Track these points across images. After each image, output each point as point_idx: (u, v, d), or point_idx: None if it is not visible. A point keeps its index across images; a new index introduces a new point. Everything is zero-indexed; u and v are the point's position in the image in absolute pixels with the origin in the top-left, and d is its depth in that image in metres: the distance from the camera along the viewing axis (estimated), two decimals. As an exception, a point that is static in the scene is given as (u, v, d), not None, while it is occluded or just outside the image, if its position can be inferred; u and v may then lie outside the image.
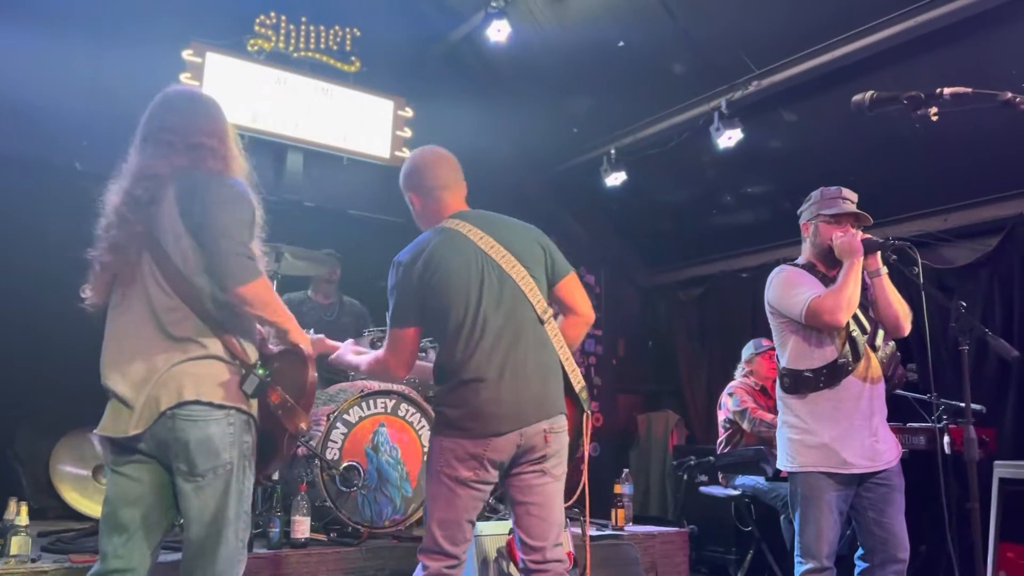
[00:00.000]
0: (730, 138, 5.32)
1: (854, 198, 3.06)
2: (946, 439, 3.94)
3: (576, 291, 2.55)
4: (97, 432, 2.15)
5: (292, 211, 5.63)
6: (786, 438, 3.01)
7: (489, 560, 3.18)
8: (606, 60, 5.73)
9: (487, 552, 3.18)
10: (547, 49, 5.95)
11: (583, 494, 2.51)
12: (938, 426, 4.09)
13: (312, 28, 5.92)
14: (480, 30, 5.79)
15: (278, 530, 3.44)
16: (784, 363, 3.06)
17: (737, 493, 4.91)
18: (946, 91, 1.67)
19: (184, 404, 2.05)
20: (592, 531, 3.20)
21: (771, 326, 3.13)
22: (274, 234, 4.31)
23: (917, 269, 2.83)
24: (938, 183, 5.13)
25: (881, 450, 2.92)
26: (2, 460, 4.54)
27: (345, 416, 3.78)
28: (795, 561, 2.95)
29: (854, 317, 2.95)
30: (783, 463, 3.03)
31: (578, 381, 2.48)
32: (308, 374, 2.18)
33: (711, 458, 5.09)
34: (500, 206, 2.73)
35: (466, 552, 2.40)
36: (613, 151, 6.24)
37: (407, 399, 3.98)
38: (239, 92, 5.58)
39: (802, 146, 5.47)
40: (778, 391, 3.11)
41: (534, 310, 2.40)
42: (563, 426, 2.41)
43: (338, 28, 6.00)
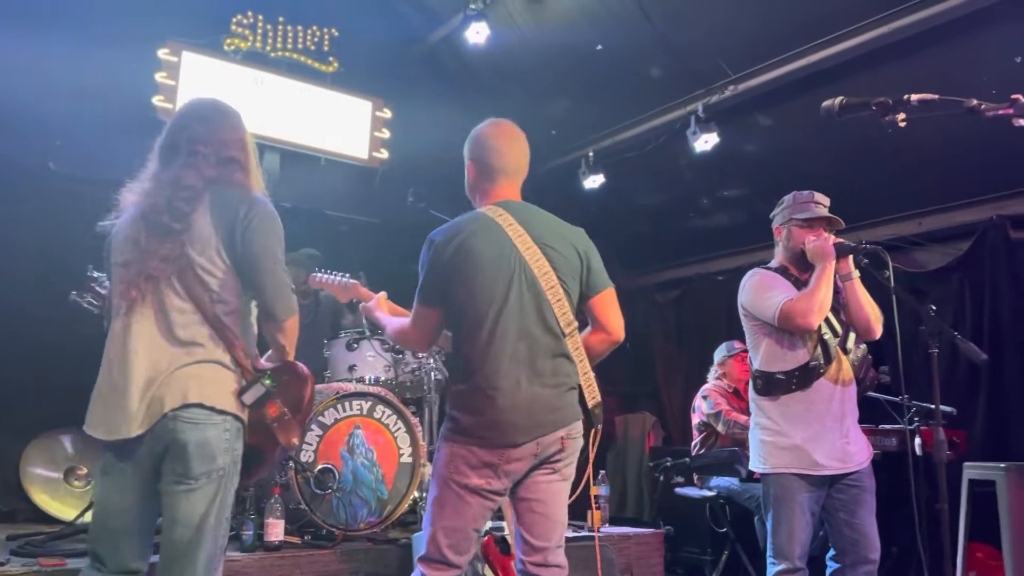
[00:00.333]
0: (707, 142, 5.36)
1: (826, 202, 3.09)
2: (917, 441, 3.99)
3: (610, 308, 2.44)
4: (90, 433, 2.12)
5: (269, 212, 5.60)
6: (758, 440, 3.04)
7: (464, 562, 3.16)
8: (584, 63, 5.76)
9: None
10: (526, 51, 5.96)
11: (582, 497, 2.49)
12: (909, 428, 4.14)
13: (290, 28, 5.90)
14: (459, 32, 5.79)
15: (251, 533, 3.42)
16: (757, 365, 3.09)
17: (712, 494, 4.94)
18: (914, 97, 1.70)
19: (187, 406, 2.06)
20: (568, 532, 3.21)
21: (744, 329, 3.16)
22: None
23: (888, 273, 2.86)
24: (912, 188, 5.20)
25: (852, 452, 2.95)
26: (-29, 463, 4.49)
27: (320, 418, 3.76)
28: (767, 562, 2.98)
29: (826, 320, 2.98)
30: (755, 464, 3.05)
31: (593, 397, 2.39)
32: (307, 391, 2.25)
33: (687, 459, 5.12)
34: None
35: (468, 563, 2.31)
36: (591, 153, 6.27)
37: (383, 401, 3.96)
38: (215, 91, 5.48)
39: (777, 150, 5.52)
40: (751, 393, 3.13)
41: (558, 322, 2.30)
42: (580, 431, 2.35)
43: (316, 28, 5.99)
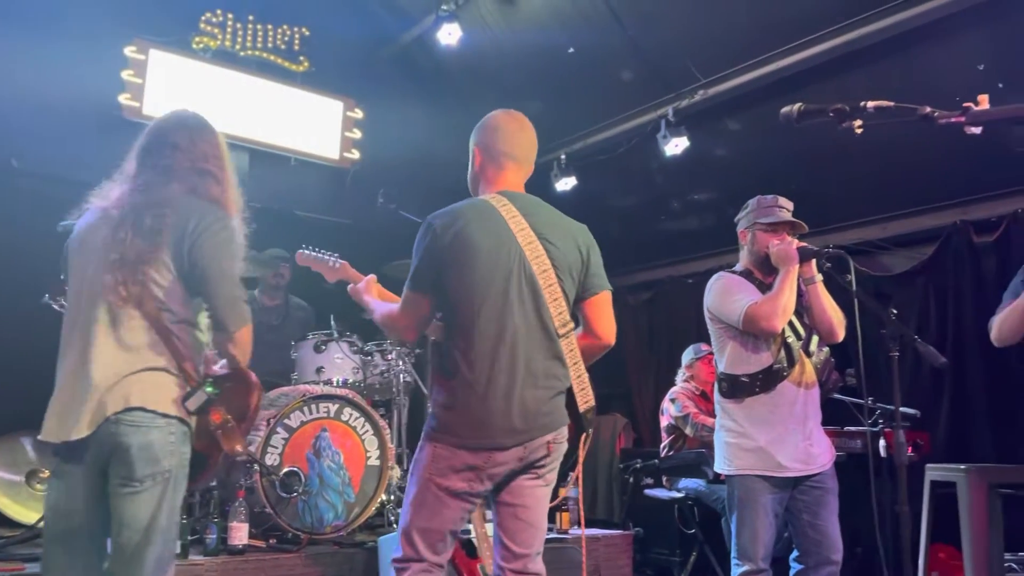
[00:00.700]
0: (677, 145, 5.39)
1: (790, 206, 3.13)
2: (881, 443, 4.03)
3: (603, 313, 2.39)
4: (41, 437, 2.13)
5: (238, 212, 5.55)
6: (723, 442, 3.06)
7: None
8: (556, 65, 5.76)
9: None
10: (498, 53, 5.96)
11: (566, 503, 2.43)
12: (873, 430, 4.19)
13: (260, 27, 5.85)
14: (431, 33, 5.78)
15: (215, 536, 3.39)
16: (722, 368, 3.11)
17: (680, 496, 4.97)
18: (870, 104, 1.72)
19: (129, 410, 2.06)
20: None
21: (710, 332, 3.19)
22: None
23: (850, 277, 2.89)
24: (877, 193, 5.26)
25: (815, 454, 2.98)
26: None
27: (286, 421, 3.73)
28: (732, 563, 3.00)
29: (789, 323, 3.01)
30: (720, 466, 3.08)
31: (586, 401, 2.33)
32: (253, 399, 2.23)
33: (656, 461, 5.15)
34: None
35: (448, 562, 2.28)
36: (563, 156, 6.27)
37: (351, 403, 3.94)
38: (183, 90, 5.49)
39: (746, 155, 5.56)
40: (716, 395, 3.16)
41: (553, 322, 2.24)
42: (565, 435, 2.30)
43: (286, 27, 5.95)
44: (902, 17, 4.31)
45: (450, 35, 5.60)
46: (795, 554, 3.04)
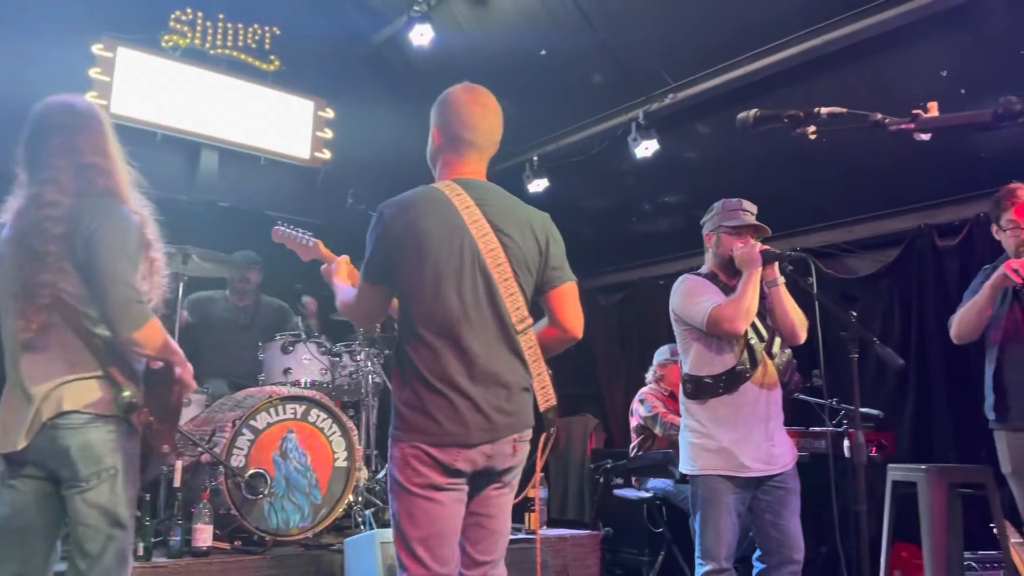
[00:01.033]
0: (647, 148, 5.42)
1: (754, 210, 3.16)
2: (846, 443, 4.08)
3: (568, 304, 2.28)
4: None
5: (206, 212, 5.52)
6: (687, 442, 3.09)
7: (395, 569, 3.13)
8: (529, 67, 5.78)
9: (392, 561, 3.14)
10: (470, 54, 5.96)
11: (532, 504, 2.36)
12: (837, 431, 4.24)
13: (230, 25, 5.82)
14: (403, 33, 5.77)
15: (179, 538, 3.37)
16: (687, 369, 3.14)
17: (649, 495, 5.00)
18: (823, 111, 1.75)
19: (64, 414, 2.10)
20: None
21: (675, 333, 3.22)
22: (187, 235, 4.27)
23: (811, 279, 2.94)
24: (844, 197, 5.33)
25: (777, 454, 3.01)
26: None
27: (252, 422, 3.71)
28: (696, 562, 3.03)
29: (752, 325, 3.04)
30: (684, 466, 3.11)
31: (546, 400, 2.21)
32: (173, 395, 2.24)
33: (625, 461, 5.18)
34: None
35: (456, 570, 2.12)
36: (536, 158, 6.28)
37: (318, 405, 3.93)
38: (151, 88, 5.45)
39: (716, 158, 5.61)
40: (681, 396, 3.19)
41: (510, 317, 2.14)
42: (529, 436, 2.20)
43: (257, 26, 5.91)
44: (867, 23, 4.36)
45: (422, 36, 5.59)
46: (758, 553, 3.07)
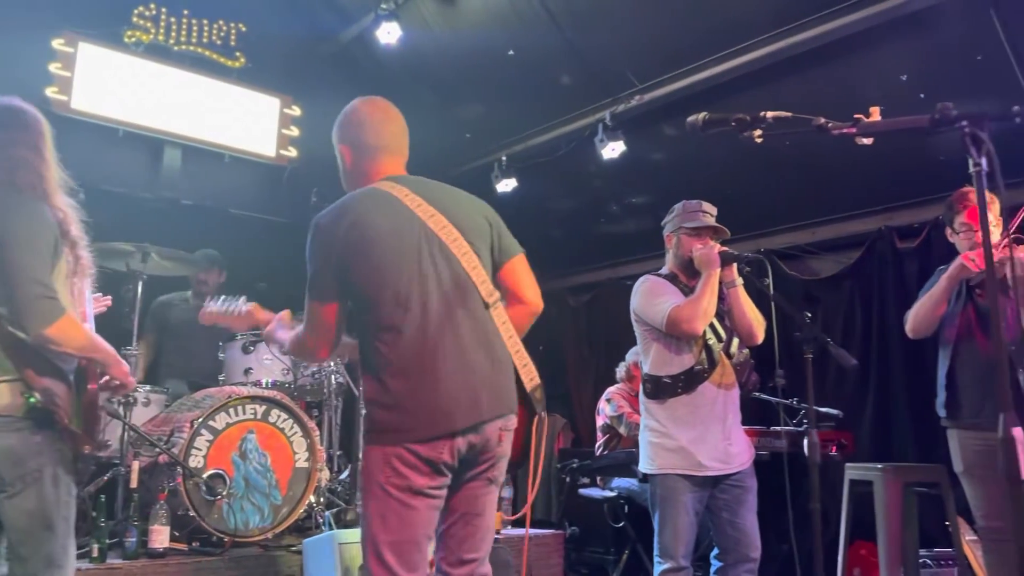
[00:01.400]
0: (613, 149, 5.44)
1: (714, 211, 3.19)
2: (806, 442, 4.12)
3: (523, 276, 2.25)
4: None
5: (169, 209, 5.46)
6: (647, 441, 3.11)
7: (352, 571, 3.13)
8: (497, 67, 5.77)
9: (350, 562, 3.14)
10: (439, 53, 5.95)
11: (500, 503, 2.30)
12: (798, 430, 4.29)
13: (195, 22, 5.75)
14: (370, 31, 5.73)
15: (135, 540, 3.33)
16: (646, 369, 3.16)
17: (613, 495, 5.03)
18: (769, 115, 1.77)
19: None
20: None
21: (636, 334, 3.23)
22: (148, 233, 4.22)
23: (768, 281, 2.97)
24: (807, 199, 5.39)
25: (734, 453, 3.04)
26: None
27: (210, 422, 3.67)
28: (654, 561, 3.05)
29: (711, 326, 3.07)
30: (644, 466, 3.13)
31: (531, 378, 2.13)
32: (86, 395, 2.22)
33: (590, 461, 5.20)
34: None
35: None
36: (504, 158, 6.28)
37: (278, 405, 3.89)
38: (114, 84, 5.37)
39: (682, 160, 5.64)
40: (641, 396, 3.21)
41: (478, 292, 2.09)
42: (514, 425, 2.13)
43: (223, 23, 5.84)
44: (831, 27, 4.39)
45: (389, 34, 5.55)
46: (715, 551, 3.10)
